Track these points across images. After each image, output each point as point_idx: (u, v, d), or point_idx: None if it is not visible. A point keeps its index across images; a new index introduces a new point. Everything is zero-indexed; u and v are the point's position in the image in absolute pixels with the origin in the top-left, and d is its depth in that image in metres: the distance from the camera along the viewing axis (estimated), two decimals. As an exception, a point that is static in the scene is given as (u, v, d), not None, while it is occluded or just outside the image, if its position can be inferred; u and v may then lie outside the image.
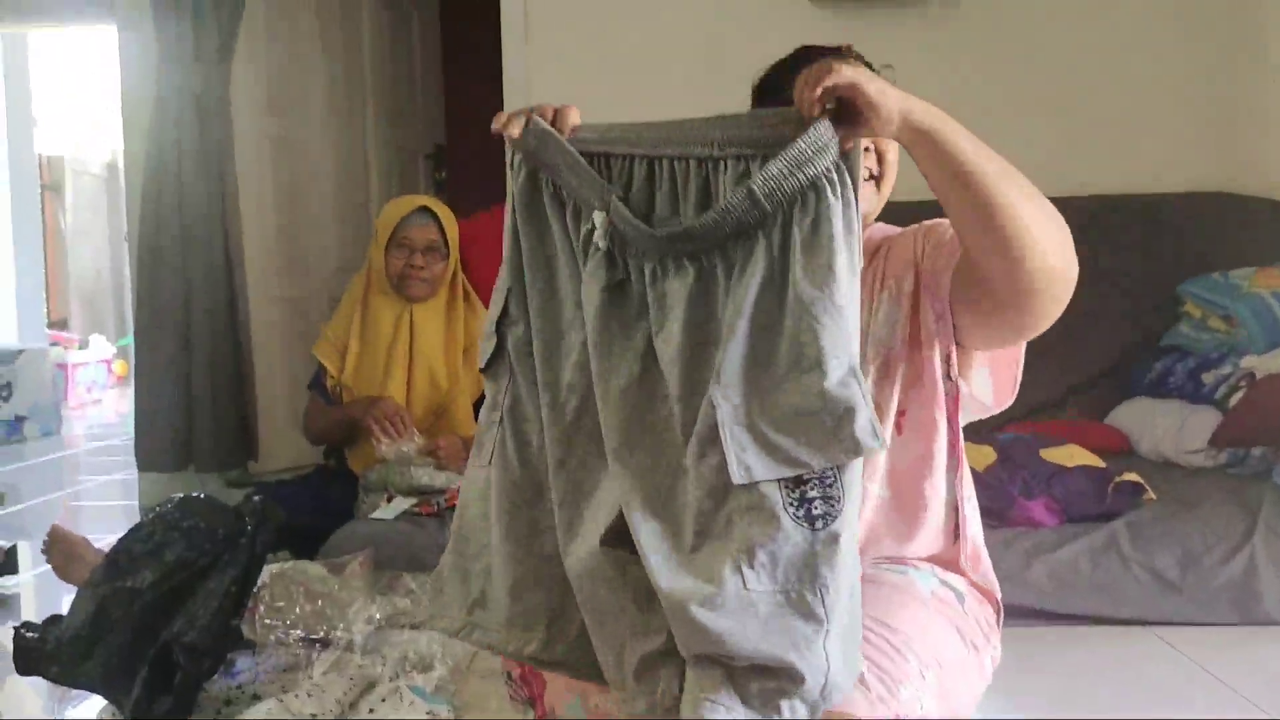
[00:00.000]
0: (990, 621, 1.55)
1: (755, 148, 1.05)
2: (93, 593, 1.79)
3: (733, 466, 1.03)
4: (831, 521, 1.01)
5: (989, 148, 1.15)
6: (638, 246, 1.12)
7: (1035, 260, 1.20)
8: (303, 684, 1.76)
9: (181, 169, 3.44)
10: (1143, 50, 3.45)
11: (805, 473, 1.02)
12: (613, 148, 1.14)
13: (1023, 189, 1.18)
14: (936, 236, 1.41)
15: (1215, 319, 2.96)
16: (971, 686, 1.48)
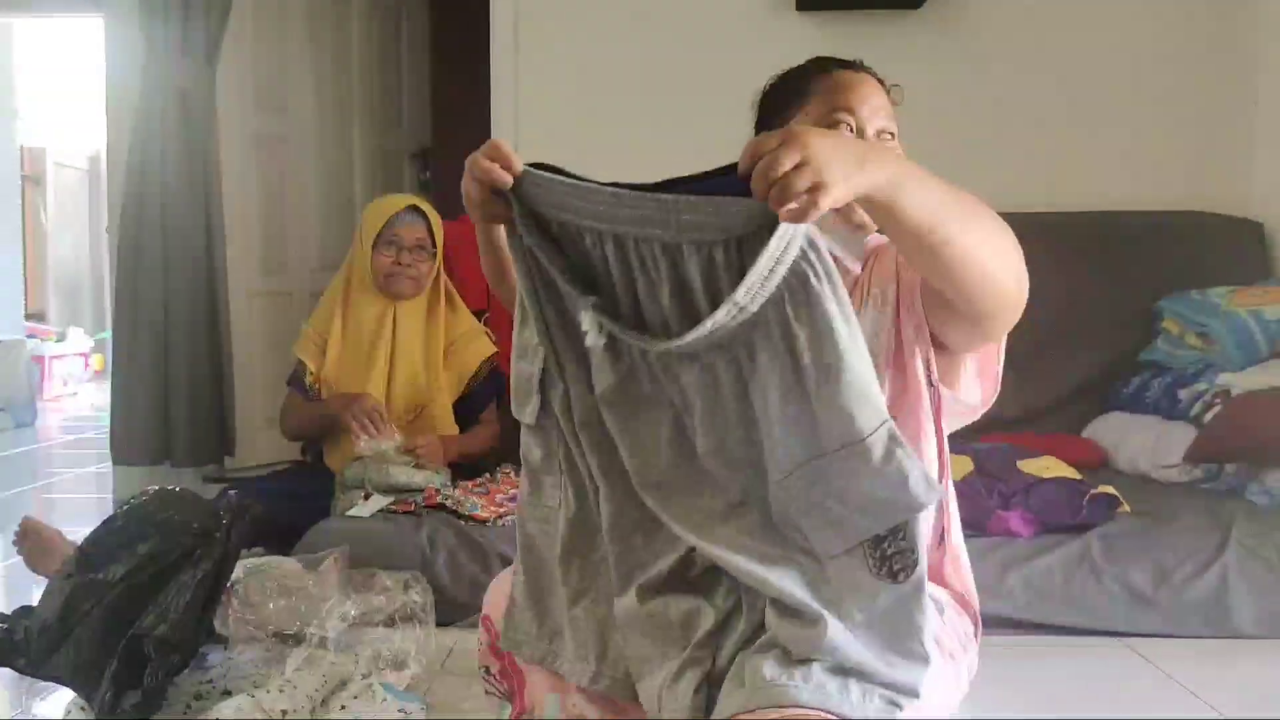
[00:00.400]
0: (968, 633, 1.56)
1: (719, 234, 1.02)
2: (63, 584, 1.78)
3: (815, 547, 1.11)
4: (912, 572, 1.08)
5: (948, 193, 1.15)
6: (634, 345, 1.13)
7: (989, 298, 1.25)
8: (275, 680, 1.75)
9: (165, 164, 3.43)
10: (1128, 69, 3.48)
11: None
12: (568, 215, 1.11)
13: (979, 233, 1.19)
14: None
15: (1193, 336, 2.98)
16: (947, 695, 1.49)
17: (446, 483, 2.53)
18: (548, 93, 3.53)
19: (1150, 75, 3.48)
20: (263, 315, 3.83)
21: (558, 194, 1.11)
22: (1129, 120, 3.48)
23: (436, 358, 2.77)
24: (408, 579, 2.02)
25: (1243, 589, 2.13)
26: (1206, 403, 2.72)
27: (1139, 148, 3.49)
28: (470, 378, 2.81)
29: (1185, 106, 3.48)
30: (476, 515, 2.37)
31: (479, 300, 3.15)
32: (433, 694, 1.82)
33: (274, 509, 2.24)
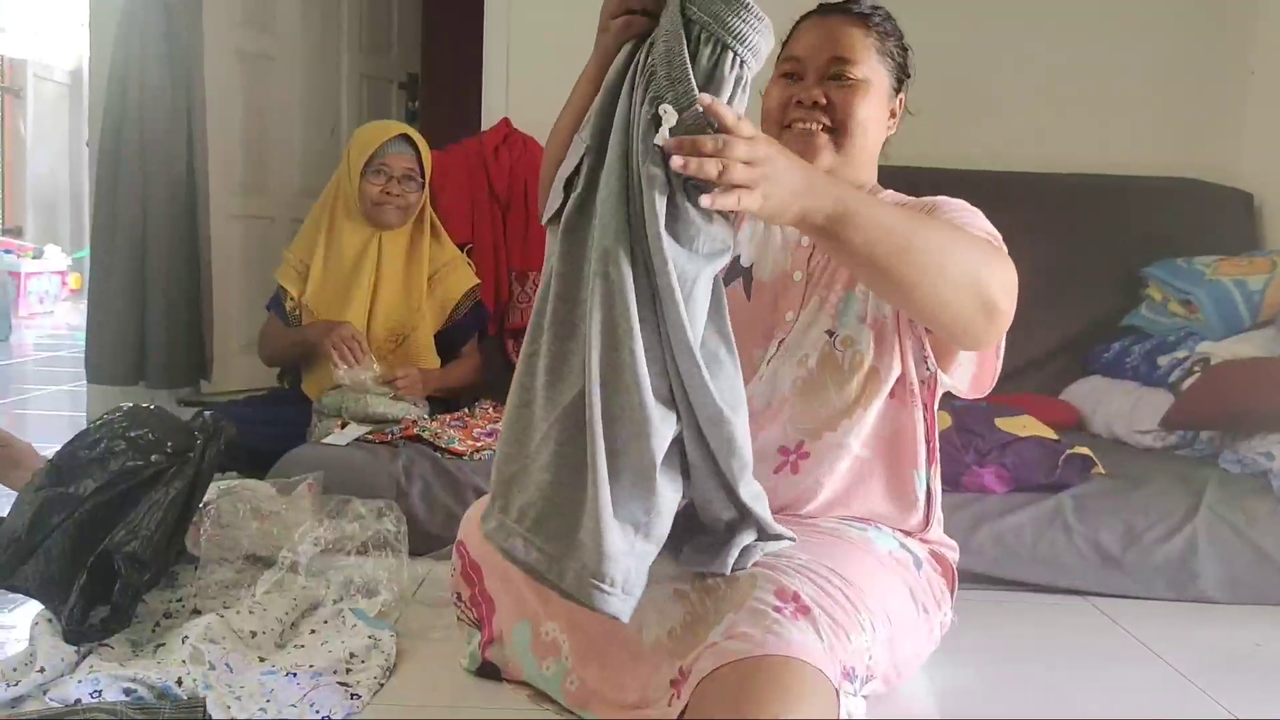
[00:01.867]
0: (943, 589, 1.58)
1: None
2: (33, 497, 1.76)
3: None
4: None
5: (899, 224, 1.21)
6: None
7: (945, 324, 1.31)
8: (244, 601, 1.75)
9: (146, 79, 3.36)
10: (1123, 35, 3.46)
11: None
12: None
13: (930, 265, 1.23)
14: None
15: (1175, 303, 2.99)
16: (919, 646, 1.51)
17: (424, 415, 2.52)
18: (541, 25, 3.47)
19: (1145, 42, 3.46)
20: (242, 238, 3.79)
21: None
22: (1122, 86, 3.47)
23: (419, 287, 2.75)
24: (381, 507, 2.01)
25: (1210, 554, 2.15)
26: (1185, 370, 2.74)
27: (1131, 113, 3.47)
28: (453, 309, 2.79)
29: (1179, 74, 3.47)
30: (454, 448, 2.36)
31: (463, 233, 3.12)
32: (403, 622, 1.82)
33: (249, 433, 2.23)
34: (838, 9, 1.56)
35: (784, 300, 1.55)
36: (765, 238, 1.60)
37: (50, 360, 5.38)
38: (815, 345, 1.50)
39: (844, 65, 1.51)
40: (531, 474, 1.25)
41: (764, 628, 1.21)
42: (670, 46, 1.16)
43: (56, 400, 4.27)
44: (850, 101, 1.50)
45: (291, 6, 3.96)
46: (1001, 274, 1.31)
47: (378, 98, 4.58)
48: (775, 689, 1.14)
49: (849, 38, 1.52)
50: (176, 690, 1.46)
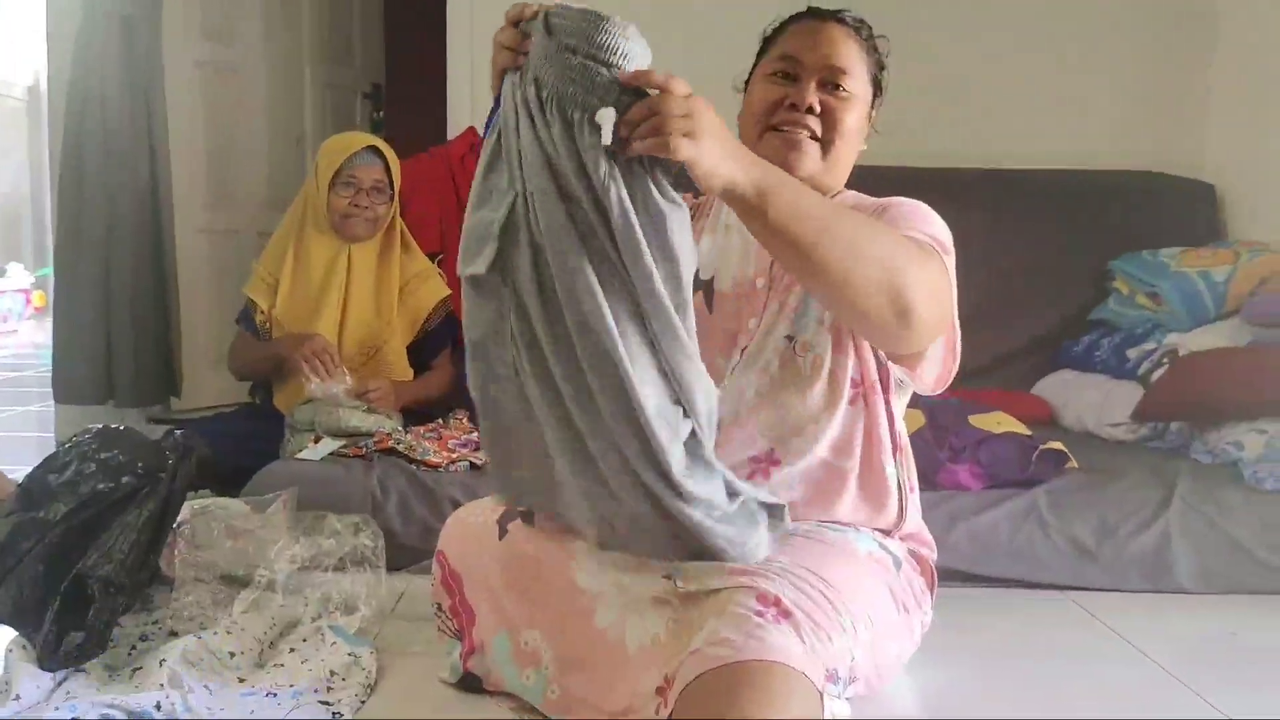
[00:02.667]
0: (923, 589, 1.59)
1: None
2: (2, 522, 1.74)
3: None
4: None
5: (820, 210, 1.22)
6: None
7: (854, 317, 1.33)
8: (221, 622, 1.73)
9: (107, 93, 3.31)
10: (1085, 28, 3.49)
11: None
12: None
13: (846, 253, 1.23)
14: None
15: (1143, 296, 3.01)
16: (900, 646, 1.52)
17: (398, 427, 2.51)
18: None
19: (1107, 35, 3.49)
20: (209, 253, 3.75)
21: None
22: (1085, 80, 3.50)
23: (390, 299, 2.73)
24: (358, 522, 2.00)
25: (1184, 545, 2.17)
26: (1155, 362, 2.76)
27: (1095, 107, 3.50)
28: (424, 320, 2.78)
29: (1141, 67, 3.50)
30: (428, 461, 2.35)
31: (433, 243, 3.10)
32: (383, 638, 1.80)
33: (221, 450, 2.21)
34: (832, 15, 1.56)
35: (747, 308, 1.55)
36: (724, 247, 1.59)
37: (15, 380, 5.32)
38: (776, 351, 1.50)
39: (842, 76, 1.51)
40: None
41: (746, 633, 1.21)
42: (564, 63, 1.15)
43: (25, 421, 4.22)
44: (843, 113, 1.51)
45: (252, 18, 3.93)
46: (926, 277, 1.29)
47: (342, 108, 4.56)
48: (759, 693, 1.15)
49: (849, 49, 1.53)
50: (155, 714, 1.44)
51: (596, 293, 1.17)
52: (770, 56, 1.56)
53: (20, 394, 4.83)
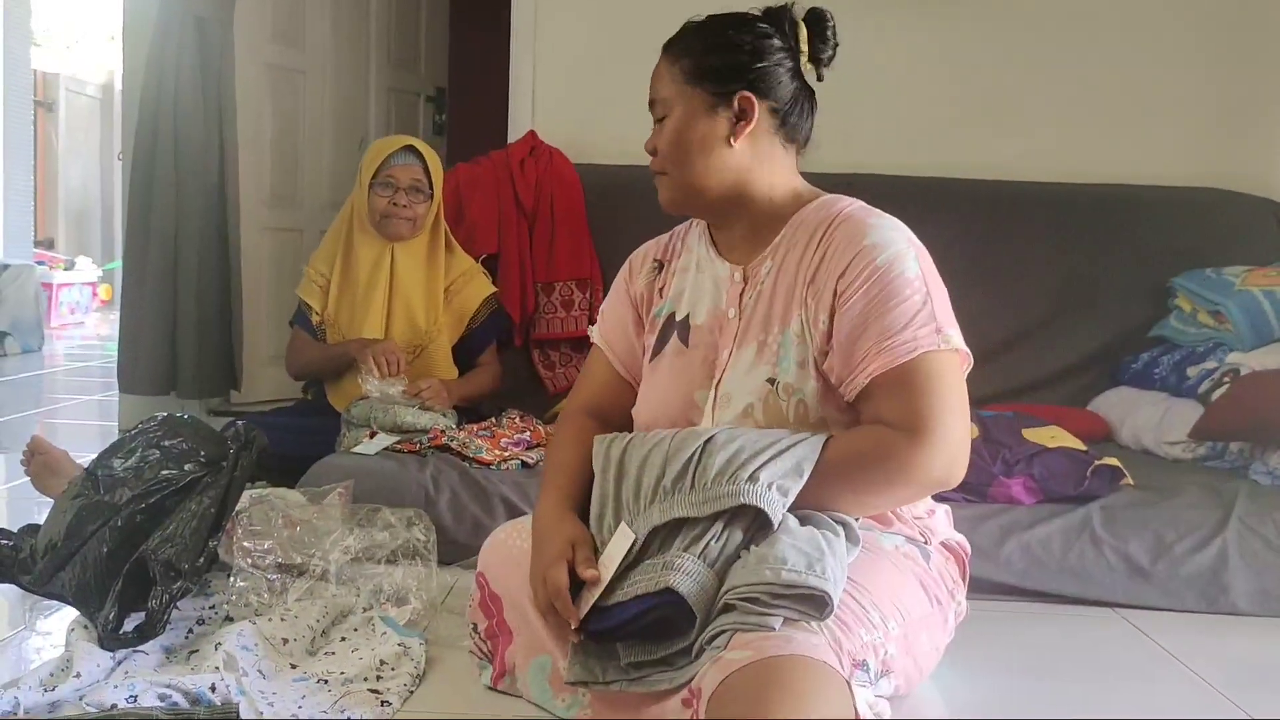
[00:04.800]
0: (955, 578, 1.58)
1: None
2: (70, 505, 1.79)
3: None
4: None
5: (838, 488, 1.41)
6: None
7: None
8: (276, 609, 1.76)
9: (179, 93, 3.39)
10: (1153, 43, 3.45)
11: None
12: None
13: (858, 504, 1.45)
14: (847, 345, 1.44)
15: (1204, 314, 2.97)
16: (935, 638, 1.52)
17: (452, 425, 2.54)
18: (567, 39, 3.50)
19: (1175, 50, 3.45)
20: (271, 251, 3.83)
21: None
22: (1150, 96, 3.45)
23: (436, 299, 2.77)
24: (411, 516, 2.03)
25: (1241, 566, 2.13)
26: (1215, 381, 2.72)
27: (1160, 123, 3.46)
28: (470, 319, 2.81)
29: (1208, 83, 3.45)
30: (481, 458, 2.38)
31: (490, 244, 3.14)
32: (432, 630, 1.83)
33: (279, 442, 2.26)
34: (668, 44, 1.60)
35: (721, 338, 1.57)
36: (696, 285, 1.63)
37: (81, 370, 5.45)
38: (759, 395, 1.49)
39: (653, 107, 1.58)
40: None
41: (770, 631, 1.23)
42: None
43: (87, 410, 4.32)
44: (661, 141, 1.56)
45: (321, 21, 4.00)
46: (914, 483, 1.40)
47: (405, 111, 4.62)
48: (788, 691, 1.15)
49: (654, 78, 1.58)
50: (210, 696, 1.47)
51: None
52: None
53: (85, 384, 4.94)
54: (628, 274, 1.74)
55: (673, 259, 1.69)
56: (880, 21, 3.40)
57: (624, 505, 1.43)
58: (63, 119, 8.48)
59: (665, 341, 1.63)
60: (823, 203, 1.56)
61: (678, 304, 1.64)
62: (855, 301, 1.42)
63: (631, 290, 1.72)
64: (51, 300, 6.91)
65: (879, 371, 1.39)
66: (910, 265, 1.44)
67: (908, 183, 3.25)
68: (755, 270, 1.56)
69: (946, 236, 3.17)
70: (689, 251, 1.67)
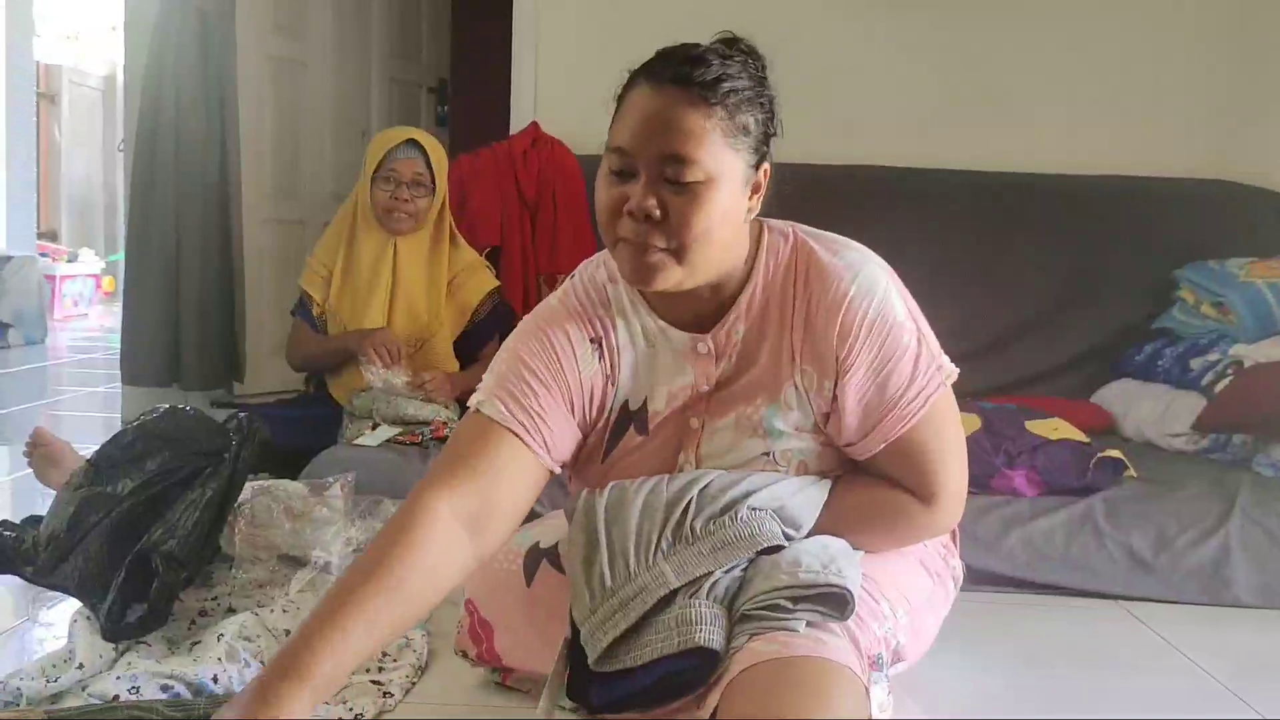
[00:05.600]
0: (947, 542, 1.58)
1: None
2: (72, 496, 1.79)
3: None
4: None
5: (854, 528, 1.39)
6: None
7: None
8: (278, 600, 1.76)
9: (181, 86, 3.40)
10: (1153, 34, 3.44)
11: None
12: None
13: (871, 543, 1.42)
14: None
15: (1208, 306, 2.97)
16: (937, 613, 1.53)
17: (454, 417, 2.54)
18: (569, 29, 3.49)
19: (1179, 42, 3.44)
20: (274, 243, 3.82)
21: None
22: (1155, 86, 3.45)
23: (439, 292, 2.76)
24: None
25: (1243, 559, 2.13)
26: (1219, 373, 2.72)
27: (1165, 114, 3.45)
28: (472, 313, 2.81)
29: (1210, 74, 3.44)
30: (483, 450, 2.37)
31: (493, 236, 3.13)
32: (434, 621, 1.82)
33: (282, 434, 2.26)
34: (674, 78, 1.25)
35: (693, 411, 1.41)
36: (649, 362, 1.41)
37: (84, 362, 5.45)
38: (753, 465, 1.40)
39: (680, 167, 1.23)
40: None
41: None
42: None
43: (90, 401, 4.32)
44: (690, 213, 1.24)
45: (323, 13, 3.99)
46: (923, 539, 1.46)
47: (407, 102, 4.61)
48: (804, 690, 1.15)
49: (685, 126, 1.23)
50: (212, 687, 1.47)
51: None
52: (608, 143, 1.30)
53: (88, 375, 4.95)
54: (564, 350, 1.39)
55: (607, 332, 1.41)
56: (883, 13, 3.39)
57: (619, 556, 1.30)
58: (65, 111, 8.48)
59: (620, 437, 1.43)
60: (770, 246, 1.37)
61: (630, 390, 1.42)
62: (858, 366, 1.31)
63: (579, 376, 1.39)
64: (54, 292, 6.92)
65: (894, 436, 1.33)
66: (896, 305, 1.33)
67: (911, 175, 3.24)
68: (723, 336, 1.38)
69: (950, 229, 3.19)
70: (624, 319, 1.42)
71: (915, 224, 3.04)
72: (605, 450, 1.44)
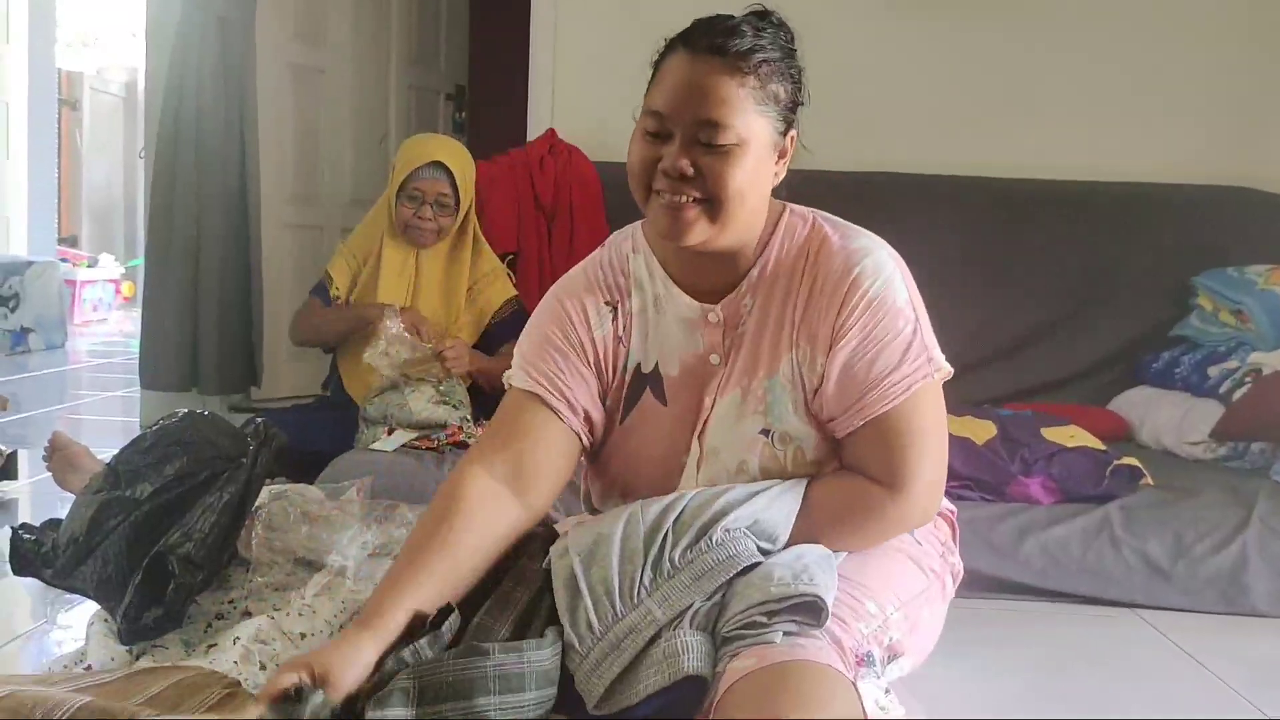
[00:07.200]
0: (946, 540, 1.58)
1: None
2: (91, 500, 1.80)
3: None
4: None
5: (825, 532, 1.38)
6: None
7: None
8: (294, 604, 1.77)
9: (201, 91, 3.42)
10: (1170, 39, 3.43)
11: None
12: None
13: (845, 542, 1.41)
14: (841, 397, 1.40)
15: (1226, 313, 2.95)
16: (935, 611, 1.52)
17: (467, 418, 2.54)
18: (587, 36, 3.50)
19: (1197, 47, 3.43)
20: (293, 248, 3.84)
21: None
22: (1173, 92, 3.43)
23: (458, 300, 2.78)
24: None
25: (1261, 566, 2.12)
26: (1236, 381, 2.71)
27: (1182, 120, 3.44)
28: (490, 319, 2.81)
29: (1231, 80, 3.43)
30: (498, 455, 2.38)
31: (509, 242, 3.14)
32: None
33: (298, 439, 2.27)
34: (710, 47, 1.33)
35: (704, 386, 1.46)
36: (660, 330, 1.48)
37: (104, 367, 5.49)
38: (753, 449, 1.43)
39: (713, 130, 1.31)
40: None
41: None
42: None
43: (110, 406, 4.35)
44: (723, 171, 1.32)
45: (342, 20, 4.02)
46: (891, 534, 1.44)
47: (425, 108, 4.63)
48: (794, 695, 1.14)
49: (719, 94, 1.31)
50: (229, 690, 1.48)
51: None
52: (645, 106, 1.39)
53: (108, 380, 4.98)
54: (579, 317, 1.49)
55: (623, 298, 1.49)
56: (896, 18, 3.39)
57: (604, 599, 1.29)
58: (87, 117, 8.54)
59: (636, 400, 1.49)
60: (788, 227, 1.44)
61: (641, 353, 1.48)
62: (850, 338, 1.36)
63: (592, 337, 1.49)
64: (75, 297, 6.96)
65: (873, 415, 1.37)
66: (899, 291, 1.38)
67: (927, 180, 3.24)
68: (734, 310, 1.44)
69: (966, 234, 3.19)
70: (639, 286, 1.49)
71: (931, 230, 3.02)
72: (623, 412, 1.50)
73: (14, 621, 1.91)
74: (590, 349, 1.48)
